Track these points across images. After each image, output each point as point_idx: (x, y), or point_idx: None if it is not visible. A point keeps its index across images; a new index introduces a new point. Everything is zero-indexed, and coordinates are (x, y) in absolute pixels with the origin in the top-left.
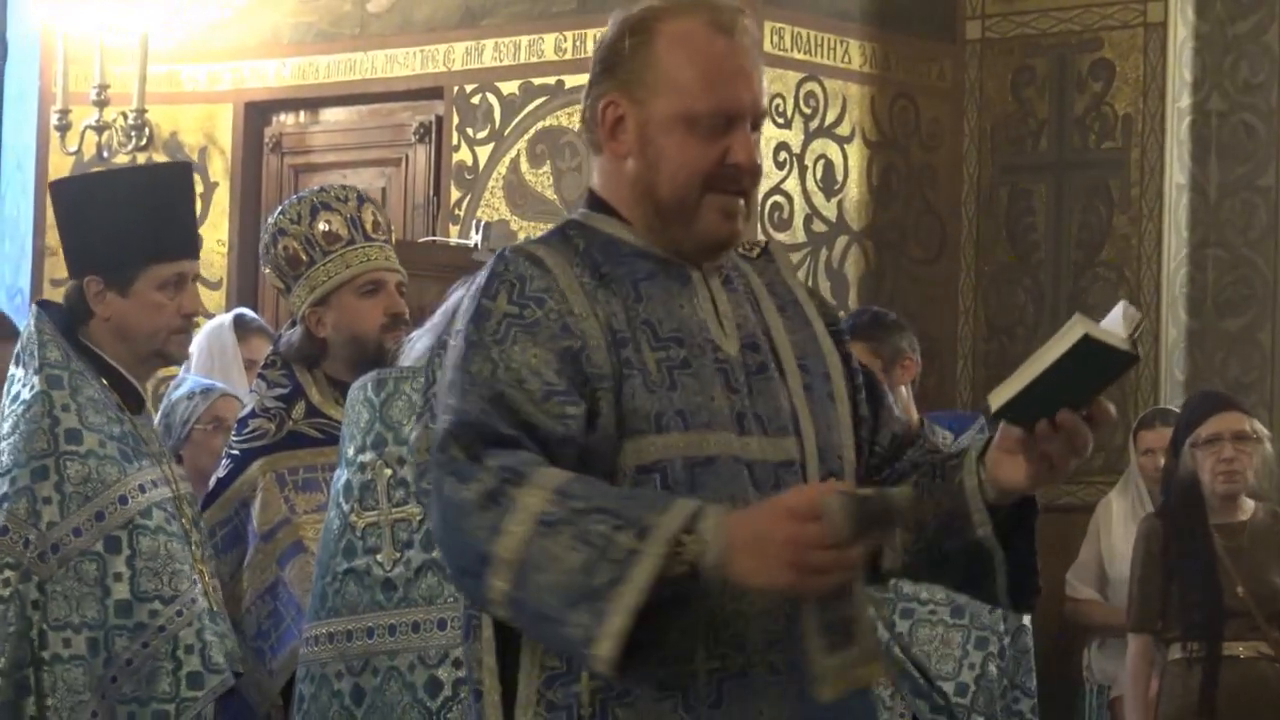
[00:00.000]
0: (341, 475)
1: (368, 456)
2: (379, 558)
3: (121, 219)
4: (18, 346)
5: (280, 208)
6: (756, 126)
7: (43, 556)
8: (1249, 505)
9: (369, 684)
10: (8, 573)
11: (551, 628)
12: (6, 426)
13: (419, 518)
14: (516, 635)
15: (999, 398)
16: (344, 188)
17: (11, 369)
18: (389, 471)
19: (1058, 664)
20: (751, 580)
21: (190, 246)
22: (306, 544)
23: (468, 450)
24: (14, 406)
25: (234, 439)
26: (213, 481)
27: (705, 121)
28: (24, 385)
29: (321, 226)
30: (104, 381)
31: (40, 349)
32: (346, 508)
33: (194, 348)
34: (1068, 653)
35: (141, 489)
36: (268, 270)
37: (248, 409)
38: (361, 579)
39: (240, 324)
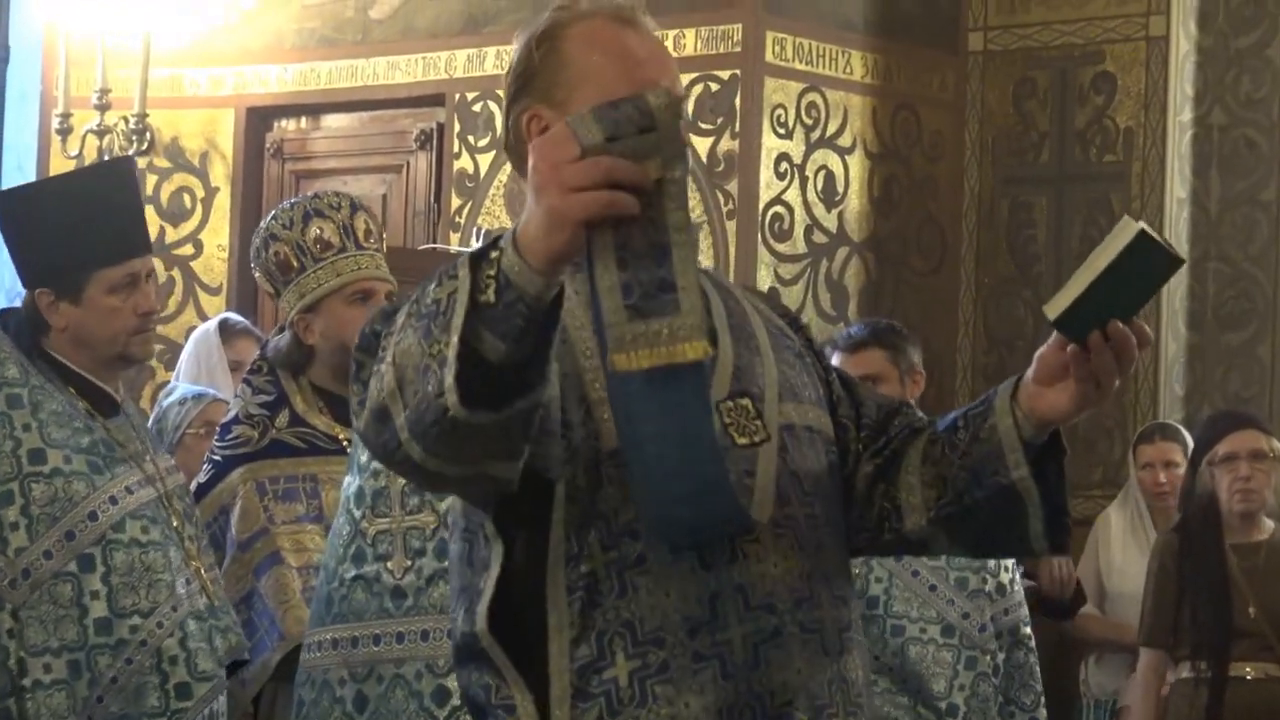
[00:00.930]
0: (354, 481)
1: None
2: (390, 565)
3: (62, 227)
4: None
5: (273, 213)
6: (678, 109)
7: (13, 583)
8: (1268, 525)
9: (373, 691)
10: None
11: (427, 413)
12: None
13: (433, 525)
14: (532, 639)
15: (1056, 307)
16: (337, 195)
17: None
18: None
19: (1055, 678)
20: (534, 239)
21: (137, 244)
22: (284, 555)
23: (370, 353)
24: None
25: (216, 444)
26: (193, 486)
27: None
28: None
29: (313, 233)
30: (72, 390)
31: None
32: (358, 514)
33: (183, 355)
34: (1065, 666)
35: (113, 500)
36: (258, 274)
37: (231, 414)
38: (370, 585)
39: (225, 327)
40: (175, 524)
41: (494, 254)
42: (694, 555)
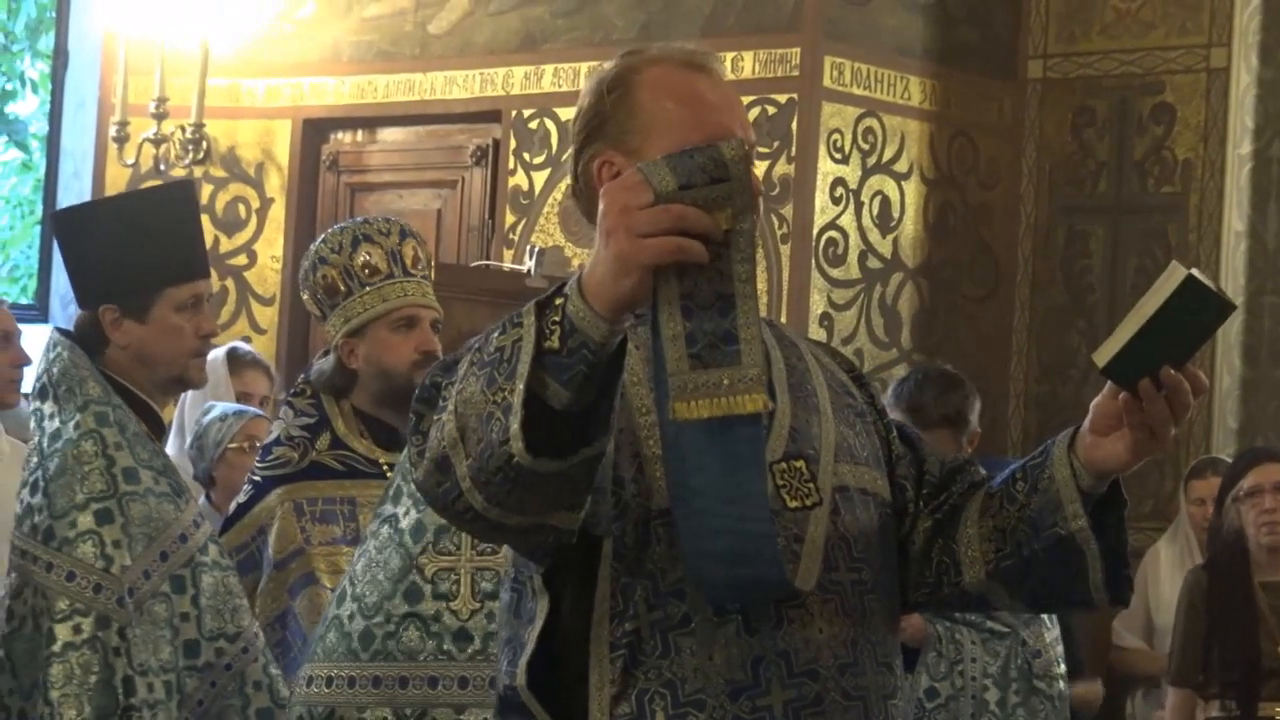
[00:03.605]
0: (409, 514)
1: None
2: (453, 605)
3: (130, 245)
4: (41, 379)
5: (323, 236)
6: (750, 160)
7: (120, 601)
8: None
9: None
10: (78, 619)
11: (491, 460)
12: (53, 466)
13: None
14: (575, 694)
15: (1104, 355)
16: (388, 220)
17: (38, 404)
18: None
19: (1103, 712)
20: (600, 284)
21: (201, 266)
22: (319, 575)
23: (429, 404)
24: (57, 445)
25: (257, 464)
26: (233, 506)
27: None
28: (65, 423)
29: (361, 258)
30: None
31: (80, 385)
32: (416, 549)
33: None
34: (1112, 701)
35: (195, 524)
36: (306, 296)
37: (273, 435)
38: (428, 625)
39: (234, 357)
40: None
41: (558, 300)
42: (739, 618)
